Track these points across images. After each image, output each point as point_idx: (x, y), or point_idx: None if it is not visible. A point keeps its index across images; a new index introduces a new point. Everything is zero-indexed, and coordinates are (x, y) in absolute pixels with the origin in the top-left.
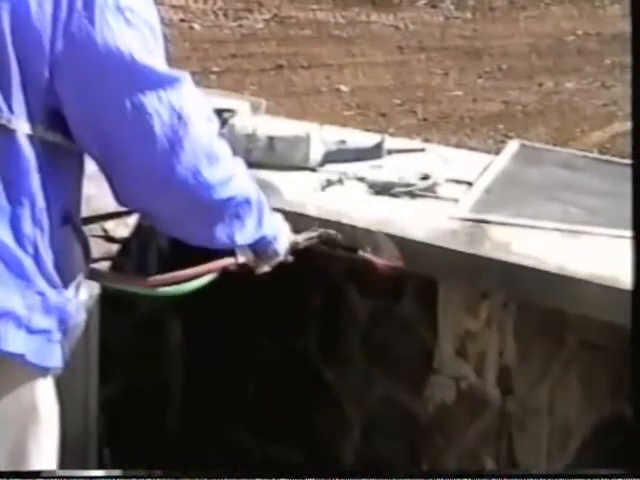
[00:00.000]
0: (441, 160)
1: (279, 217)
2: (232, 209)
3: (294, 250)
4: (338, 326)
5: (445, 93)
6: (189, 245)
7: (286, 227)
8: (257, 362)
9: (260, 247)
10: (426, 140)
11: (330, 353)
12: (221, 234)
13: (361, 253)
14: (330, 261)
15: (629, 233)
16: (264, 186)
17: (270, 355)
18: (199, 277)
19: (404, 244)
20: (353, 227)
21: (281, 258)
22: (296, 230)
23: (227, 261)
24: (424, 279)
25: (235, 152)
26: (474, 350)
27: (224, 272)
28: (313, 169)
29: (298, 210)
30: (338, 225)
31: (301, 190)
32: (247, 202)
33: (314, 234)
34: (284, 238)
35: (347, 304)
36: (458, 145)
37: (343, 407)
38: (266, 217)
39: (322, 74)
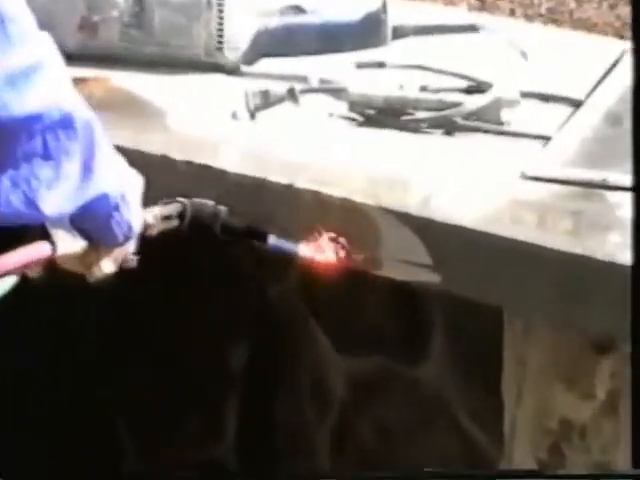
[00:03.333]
0: (513, 51)
1: (124, 163)
2: (34, 138)
3: (143, 239)
4: (288, 413)
5: None
6: None
7: (139, 183)
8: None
9: (97, 220)
10: (474, 6)
11: (271, 467)
12: (12, 192)
13: (274, 243)
14: (269, 270)
15: None
16: (124, 104)
17: (138, 470)
18: None
19: (428, 233)
20: (316, 194)
21: (132, 246)
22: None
23: (31, 252)
24: (471, 308)
25: (53, 28)
26: (583, 462)
27: (24, 278)
28: (234, 69)
29: (198, 159)
30: (286, 189)
31: (207, 114)
32: (65, 125)
33: (176, 208)
34: (138, 203)
35: (309, 364)
36: (546, 18)
37: None
38: (100, 158)
39: None
